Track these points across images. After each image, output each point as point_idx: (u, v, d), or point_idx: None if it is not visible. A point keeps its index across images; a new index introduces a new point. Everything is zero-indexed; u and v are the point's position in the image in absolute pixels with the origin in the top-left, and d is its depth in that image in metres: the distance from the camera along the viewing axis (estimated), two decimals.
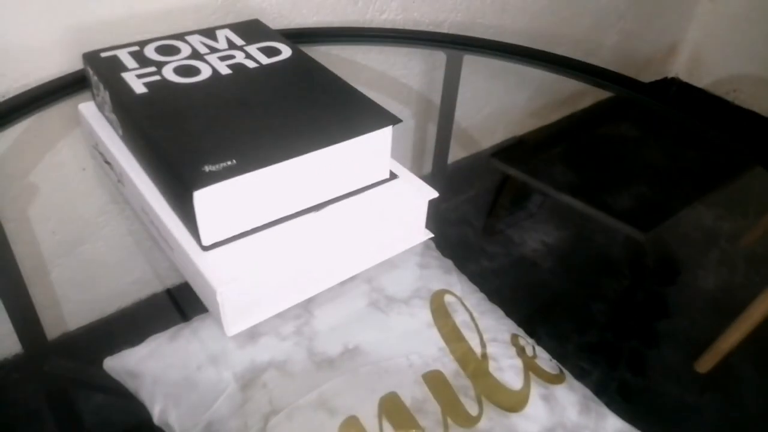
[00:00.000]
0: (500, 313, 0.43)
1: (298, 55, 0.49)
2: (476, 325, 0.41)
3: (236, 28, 0.52)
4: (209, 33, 0.51)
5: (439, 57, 0.72)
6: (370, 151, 0.43)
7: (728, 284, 0.50)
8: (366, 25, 0.72)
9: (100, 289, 0.62)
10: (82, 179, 0.59)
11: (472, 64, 0.74)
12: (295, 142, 0.39)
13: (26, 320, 0.49)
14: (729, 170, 0.66)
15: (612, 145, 0.75)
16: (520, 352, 0.39)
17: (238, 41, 0.50)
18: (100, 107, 0.49)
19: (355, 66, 0.74)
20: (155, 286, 0.54)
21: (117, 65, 0.47)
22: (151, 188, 0.43)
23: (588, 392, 0.38)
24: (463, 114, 0.92)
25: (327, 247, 0.41)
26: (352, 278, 0.44)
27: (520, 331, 0.41)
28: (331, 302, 0.42)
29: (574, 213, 0.57)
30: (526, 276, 0.50)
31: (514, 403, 0.36)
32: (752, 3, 1.16)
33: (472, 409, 0.35)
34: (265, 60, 0.48)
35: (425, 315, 0.41)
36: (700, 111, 0.59)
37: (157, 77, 0.46)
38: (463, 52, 0.77)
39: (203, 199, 0.36)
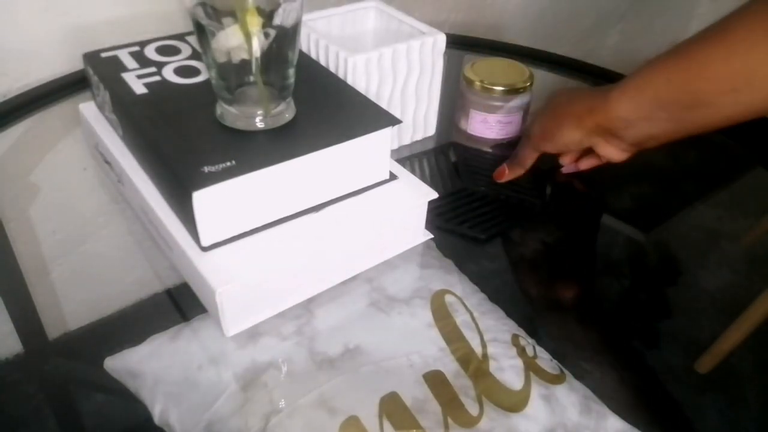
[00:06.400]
0: (501, 313, 0.43)
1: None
2: (477, 325, 0.41)
3: None
4: None
5: None
6: (370, 152, 0.43)
7: (729, 284, 0.50)
8: None
9: (100, 288, 0.62)
10: (83, 179, 0.59)
11: None
12: (295, 143, 0.39)
13: (27, 320, 0.49)
14: (729, 170, 0.66)
15: None
16: (521, 352, 0.39)
17: None
18: (101, 107, 0.49)
19: None
20: (155, 286, 0.54)
21: (117, 65, 0.47)
22: (151, 188, 0.43)
23: (588, 392, 0.38)
24: None
25: (327, 248, 0.41)
26: (353, 278, 0.44)
27: (521, 331, 0.41)
28: (332, 302, 0.42)
29: (575, 213, 0.57)
30: (527, 276, 0.50)
31: (514, 403, 0.36)
32: None
33: (473, 409, 0.35)
34: None
35: (426, 315, 0.41)
36: None
37: (157, 77, 0.46)
38: (463, 52, 0.77)
39: (202, 199, 0.36)
